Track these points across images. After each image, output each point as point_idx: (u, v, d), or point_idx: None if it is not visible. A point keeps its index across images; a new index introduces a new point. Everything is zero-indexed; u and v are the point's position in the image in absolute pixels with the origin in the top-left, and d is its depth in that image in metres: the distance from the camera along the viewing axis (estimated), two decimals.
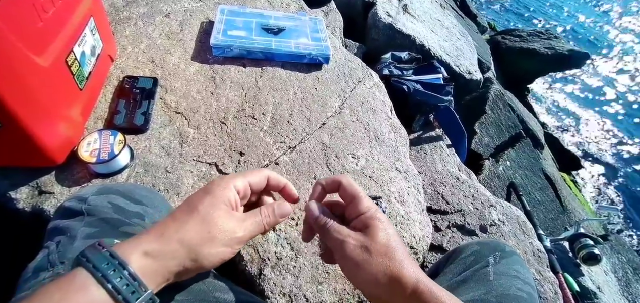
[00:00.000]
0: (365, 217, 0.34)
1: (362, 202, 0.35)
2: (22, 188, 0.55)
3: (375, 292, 0.32)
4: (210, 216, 0.31)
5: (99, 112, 0.67)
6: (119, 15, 0.87)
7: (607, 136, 3.37)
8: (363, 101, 0.92)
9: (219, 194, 0.32)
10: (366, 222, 0.34)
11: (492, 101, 1.67)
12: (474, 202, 0.96)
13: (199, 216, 0.31)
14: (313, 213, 0.37)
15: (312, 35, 0.96)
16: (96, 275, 0.25)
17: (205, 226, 0.30)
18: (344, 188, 0.37)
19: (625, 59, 4.55)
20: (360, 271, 0.32)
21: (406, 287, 0.30)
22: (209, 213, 0.31)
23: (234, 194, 0.33)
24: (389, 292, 0.31)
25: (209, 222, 0.31)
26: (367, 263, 0.32)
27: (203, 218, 0.31)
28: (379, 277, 0.31)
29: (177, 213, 0.31)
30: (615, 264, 1.47)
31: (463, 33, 1.91)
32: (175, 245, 0.29)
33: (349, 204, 0.36)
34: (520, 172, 1.57)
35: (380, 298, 0.32)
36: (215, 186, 0.33)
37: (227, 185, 0.33)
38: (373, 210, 0.35)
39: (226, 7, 0.96)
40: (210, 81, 0.80)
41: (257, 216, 0.35)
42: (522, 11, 5.13)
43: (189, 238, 0.29)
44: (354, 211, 0.35)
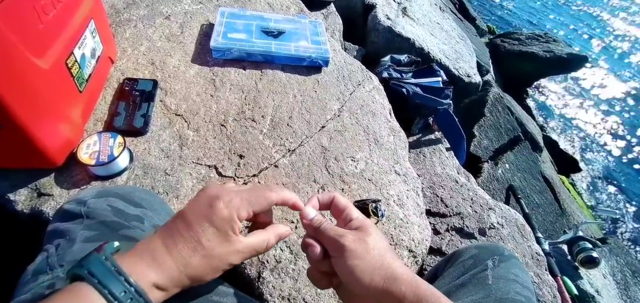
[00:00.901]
0: (358, 222, 0.37)
1: (354, 211, 0.38)
2: (21, 190, 0.55)
3: (374, 285, 0.32)
4: (214, 252, 0.32)
5: (99, 115, 0.67)
6: (119, 17, 0.87)
7: (605, 139, 3.38)
8: (362, 104, 0.92)
9: (223, 226, 0.33)
10: (358, 225, 0.36)
11: (491, 104, 1.68)
12: (472, 205, 0.96)
13: (205, 252, 0.32)
14: (308, 215, 0.38)
15: (311, 38, 0.97)
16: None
17: (211, 261, 0.32)
18: (336, 202, 0.40)
19: (624, 62, 4.57)
20: (357, 261, 0.33)
21: (401, 278, 0.32)
22: (213, 249, 0.32)
23: (237, 224, 0.33)
24: (385, 285, 0.32)
25: (215, 258, 0.32)
26: (365, 254, 0.33)
27: (208, 254, 0.32)
28: (375, 266, 0.33)
29: (181, 242, 0.31)
30: (613, 267, 1.47)
31: (462, 36, 1.92)
32: (183, 280, 0.31)
33: (340, 215, 0.39)
34: (519, 175, 1.57)
35: (376, 293, 0.32)
36: (219, 215, 0.33)
37: (231, 215, 0.33)
38: (363, 218, 0.38)
39: (226, 10, 0.96)
40: (210, 83, 0.81)
41: (261, 245, 0.36)
42: (521, 14, 5.16)
43: (196, 273, 0.31)
44: (345, 219, 0.38)
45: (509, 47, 3.04)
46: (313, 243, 0.37)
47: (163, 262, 0.30)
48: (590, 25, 5.36)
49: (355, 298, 0.35)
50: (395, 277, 0.32)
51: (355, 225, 0.37)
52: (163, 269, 0.29)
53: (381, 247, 0.34)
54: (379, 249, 0.34)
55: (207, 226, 0.32)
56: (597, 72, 4.28)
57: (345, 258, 0.33)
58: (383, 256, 0.34)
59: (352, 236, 0.35)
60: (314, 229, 0.37)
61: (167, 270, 0.30)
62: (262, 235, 0.37)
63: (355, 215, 0.38)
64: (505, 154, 1.57)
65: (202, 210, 0.33)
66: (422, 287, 0.32)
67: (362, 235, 0.35)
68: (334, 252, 0.35)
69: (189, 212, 0.33)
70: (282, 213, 0.64)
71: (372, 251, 0.34)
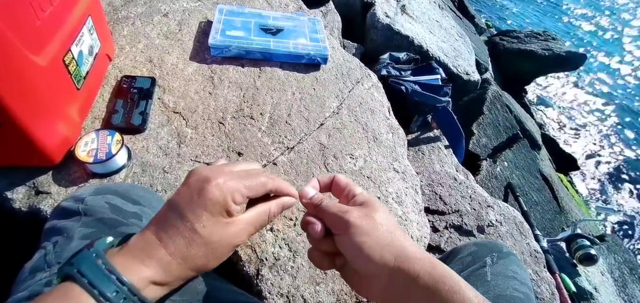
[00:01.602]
0: (362, 197, 0.35)
1: (356, 188, 0.36)
2: (18, 188, 0.55)
3: (384, 262, 0.30)
4: (213, 238, 0.30)
5: (97, 112, 0.67)
6: (117, 14, 0.87)
7: (604, 137, 3.39)
8: (361, 101, 0.92)
9: (217, 210, 0.30)
10: (363, 200, 0.34)
11: (489, 102, 1.68)
12: (471, 203, 0.97)
13: (202, 240, 0.29)
14: (307, 193, 0.36)
15: (310, 36, 0.96)
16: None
17: (211, 248, 0.30)
18: (337, 181, 0.37)
19: (623, 60, 4.58)
20: (365, 238, 0.30)
21: (414, 256, 0.29)
22: (211, 235, 0.30)
23: (233, 207, 0.31)
24: (396, 265, 0.30)
25: (215, 243, 0.30)
26: (373, 230, 0.31)
27: (206, 241, 0.30)
28: (384, 244, 0.30)
29: (175, 234, 0.29)
30: (611, 265, 1.48)
31: (461, 34, 1.92)
32: (184, 272, 0.29)
33: (342, 193, 0.37)
34: (517, 173, 1.57)
35: (385, 273, 0.30)
36: (211, 198, 0.30)
37: (225, 199, 0.30)
38: (367, 194, 0.35)
39: (225, 7, 0.96)
40: (209, 80, 0.80)
41: (262, 217, 0.34)
42: (520, 12, 5.16)
43: (196, 264, 0.30)
44: (348, 196, 0.36)
45: (508, 45, 3.05)
46: (313, 220, 0.34)
47: (159, 257, 0.28)
48: (590, 23, 5.36)
49: (362, 279, 0.33)
50: (407, 255, 0.30)
51: (360, 200, 0.34)
52: (160, 264, 0.28)
53: (390, 223, 0.32)
54: (387, 225, 0.31)
55: (201, 212, 0.29)
56: (596, 70, 4.29)
57: (351, 235, 0.31)
58: (392, 233, 0.31)
59: (357, 212, 0.32)
60: (315, 207, 0.35)
61: (164, 265, 0.28)
62: (262, 206, 0.34)
63: (358, 191, 0.36)
64: (503, 152, 1.57)
65: (193, 195, 0.30)
66: (438, 267, 0.29)
67: (368, 210, 0.32)
68: (338, 229, 0.33)
69: (180, 200, 0.30)
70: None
71: (380, 227, 0.31)
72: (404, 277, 0.29)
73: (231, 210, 0.31)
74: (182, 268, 0.29)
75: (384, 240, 0.30)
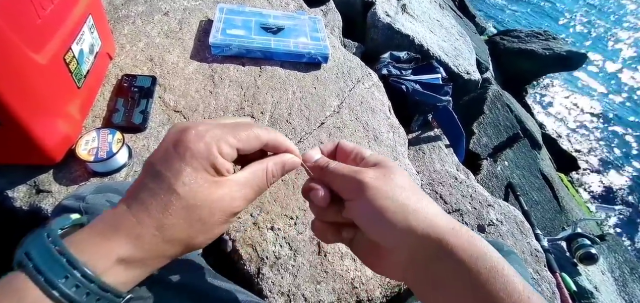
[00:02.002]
0: (373, 158, 0.29)
1: (364, 151, 0.30)
2: (20, 186, 0.55)
3: (412, 230, 0.25)
4: (196, 198, 0.24)
5: (97, 111, 0.67)
6: (118, 13, 0.87)
7: (604, 136, 3.39)
8: (362, 100, 0.92)
9: (199, 163, 0.24)
10: (376, 161, 0.29)
11: (490, 102, 1.68)
12: (472, 202, 0.97)
13: (181, 200, 0.23)
14: (311, 156, 0.31)
15: (311, 35, 0.96)
16: (52, 296, 0.19)
17: (195, 216, 0.24)
18: (342, 148, 0.32)
19: (624, 59, 4.57)
20: (386, 203, 0.25)
21: (445, 224, 0.25)
22: (194, 195, 0.23)
23: (220, 160, 0.25)
24: (423, 233, 0.24)
25: (200, 208, 0.24)
26: (394, 192, 0.25)
27: (188, 204, 0.23)
28: (409, 210, 0.25)
29: (148, 197, 0.23)
30: (612, 264, 1.48)
31: (462, 33, 1.91)
32: (162, 247, 0.23)
33: (348, 158, 0.31)
34: (518, 172, 1.57)
35: (410, 245, 0.25)
36: (191, 148, 0.24)
37: (210, 150, 0.24)
38: (376, 154, 0.30)
39: (225, 6, 0.96)
40: (209, 79, 0.80)
41: (258, 176, 0.27)
42: (521, 12, 5.15)
43: (177, 236, 0.23)
44: (356, 159, 0.30)
45: (508, 45, 3.04)
46: (316, 186, 0.29)
47: (127, 227, 0.22)
48: (590, 22, 5.36)
49: (380, 252, 0.27)
50: (438, 223, 0.24)
51: (372, 161, 0.29)
52: (130, 237, 0.22)
53: (412, 185, 0.27)
54: (410, 188, 0.26)
55: (179, 166, 0.23)
56: (596, 70, 4.28)
57: (368, 199, 0.25)
58: (418, 198, 0.26)
59: (373, 172, 0.27)
60: (321, 169, 0.29)
61: (135, 238, 0.22)
62: (258, 164, 0.28)
63: (368, 152, 0.30)
64: (504, 151, 1.57)
65: (169, 148, 0.24)
66: (477, 242, 0.24)
67: (385, 171, 0.27)
68: (351, 194, 0.27)
69: (155, 158, 0.24)
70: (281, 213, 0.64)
71: (402, 190, 0.26)
72: (433, 250, 0.24)
73: (218, 165, 0.25)
74: (157, 241, 0.23)
75: (410, 204, 0.25)
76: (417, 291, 0.26)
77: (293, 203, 0.65)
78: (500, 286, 0.22)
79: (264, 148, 0.28)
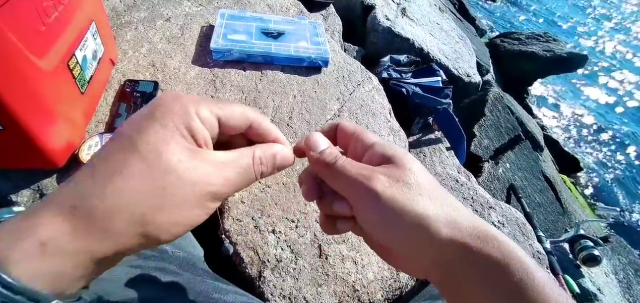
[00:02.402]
0: (380, 148, 0.25)
1: (366, 134, 0.26)
2: (23, 191, 0.55)
3: (423, 246, 0.22)
4: (161, 160, 0.18)
5: (100, 116, 0.67)
6: (120, 19, 0.88)
7: (607, 137, 3.38)
8: (362, 104, 0.92)
9: (172, 120, 0.19)
10: (383, 153, 0.25)
11: (491, 104, 1.68)
12: (473, 204, 0.96)
13: (142, 161, 0.18)
14: (317, 144, 0.26)
15: (311, 39, 0.97)
16: None
17: (156, 180, 0.18)
18: (343, 129, 0.28)
19: (625, 60, 4.57)
20: (402, 217, 0.22)
21: (471, 232, 0.22)
22: (158, 155, 0.18)
23: (197, 123, 0.21)
24: (445, 242, 0.22)
25: (162, 171, 0.18)
26: (411, 202, 0.22)
27: (149, 165, 0.18)
28: (429, 220, 0.22)
29: (98, 161, 0.19)
30: (616, 265, 1.47)
31: (462, 36, 1.92)
32: (102, 224, 0.17)
33: (349, 144, 0.27)
34: (519, 174, 1.57)
35: (430, 254, 0.22)
36: (164, 104, 0.20)
37: (185, 109, 0.20)
38: (382, 140, 0.26)
39: (226, 12, 0.97)
40: (211, 84, 0.81)
41: (244, 160, 0.23)
42: (521, 14, 5.16)
43: (130, 208, 0.18)
44: (358, 149, 0.26)
45: (508, 47, 3.05)
46: (307, 182, 0.27)
47: (60, 199, 0.17)
48: (591, 24, 5.36)
49: (398, 256, 0.25)
50: (459, 229, 0.22)
51: (380, 152, 0.25)
52: (59, 209, 0.17)
53: (430, 185, 0.23)
54: (428, 188, 0.23)
55: (148, 124, 0.19)
56: (598, 71, 4.28)
57: (380, 209, 0.22)
58: (437, 198, 0.23)
59: (384, 175, 0.23)
60: (327, 166, 0.25)
61: (67, 206, 0.17)
62: (244, 149, 0.24)
63: (373, 138, 0.26)
64: (505, 153, 1.57)
65: (142, 112, 0.20)
66: (506, 248, 0.21)
67: (397, 170, 0.23)
68: (359, 200, 0.24)
69: (120, 127, 0.20)
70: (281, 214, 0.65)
71: (420, 196, 0.22)
72: (456, 257, 0.22)
73: (194, 128, 0.20)
74: (100, 215, 0.17)
75: (429, 213, 0.22)
76: (442, 291, 0.24)
77: (294, 206, 0.66)
78: (532, 297, 0.20)
79: (250, 132, 0.25)
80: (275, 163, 0.25)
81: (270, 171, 0.25)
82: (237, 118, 0.23)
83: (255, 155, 0.24)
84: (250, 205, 0.63)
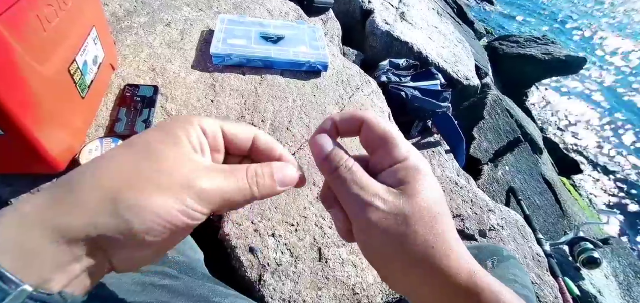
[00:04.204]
0: (403, 167, 0.23)
1: (398, 146, 0.24)
2: (22, 195, 0.55)
3: (406, 283, 0.23)
4: (146, 147, 0.19)
5: (100, 120, 0.68)
6: (121, 24, 0.88)
7: (606, 139, 3.38)
8: (361, 107, 0.93)
9: (173, 127, 0.21)
10: (403, 176, 0.23)
11: (490, 107, 1.69)
12: (472, 207, 0.97)
13: (128, 147, 0.19)
14: (322, 149, 0.25)
15: (310, 44, 0.98)
16: None
17: (136, 162, 0.19)
18: (370, 126, 0.24)
19: (624, 62, 4.58)
20: (388, 252, 0.22)
21: (456, 280, 0.22)
22: (146, 144, 0.19)
23: (197, 132, 0.21)
24: (428, 285, 0.22)
25: (142, 154, 0.19)
26: (402, 241, 0.21)
27: (134, 150, 0.19)
28: (416, 262, 0.21)
29: (100, 158, 0.19)
30: (616, 268, 1.47)
31: (460, 40, 1.93)
32: (76, 196, 0.17)
33: (376, 150, 0.25)
34: (519, 177, 1.57)
35: (412, 290, 0.23)
36: (170, 121, 0.22)
37: (189, 120, 0.22)
38: (414, 158, 0.24)
39: (226, 17, 0.98)
40: (210, 88, 0.81)
41: (237, 172, 0.22)
42: (519, 17, 5.19)
43: (104, 181, 0.17)
44: (384, 159, 0.24)
45: (507, 50, 3.06)
46: (327, 198, 0.26)
47: (47, 185, 0.17)
48: (589, 26, 5.39)
49: (386, 274, 0.25)
50: (450, 276, 0.22)
51: (398, 175, 0.23)
52: (42, 190, 0.18)
53: (433, 224, 0.22)
54: (425, 225, 0.22)
55: (152, 130, 0.21)
56: (596, 73, 4.29)
57: (368, 241, 0.23)
58: (429, 238, 0.22)
59: (384, 204, 0.22)
60: (330, 173, 0.24)
61: (46, 187, 0.18)
62: (243, 165, 0.23)
63: (402, 154, 0.23)
64: (505, 156, 1.57)
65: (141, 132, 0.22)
66: (505, 295, 0.22)
67: (403, 202, 0.22)
68: (353, 222, 0.23)
69: None
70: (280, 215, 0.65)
71: (416, 236, 0.21)
72: (439, 286, 0.22)
73: (192, 135, 0.21)
74: (71, 195, 0.17)
75: (418, 257, 0.21)
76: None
77: (294, 210, 0.66)
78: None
79: (254, 151, 0.25)
80: (272, 177, 0.24)
81: (269, 187, 0.24)
82: (240, 131, 0.24)
83: (251, 167, 0.23)
84: (249, 209, 0.63)
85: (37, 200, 0.17)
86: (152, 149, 0.19)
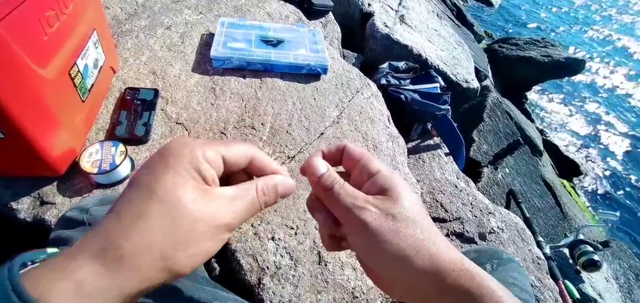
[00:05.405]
0: (380, 177, 0.27)
1: (373, 162, 0.28)
2: (23, 198, 0.56)
3: (403, 274, 0.25)
4: (177, 202, 0.21)
5: (101, 124, 0.68)
6: (121, 28, 0.89)
7: (606, 142, 3.38)
8: (361, 110, 0.93)
9: (183, 166, 0.22)
10: (382, 184, 0.27)
11: (489, 109, 1.69)
12: (472, 210, 0.97)
13: (161, 204, 0.21)
14: (317, 170, 0.28)
15: (310, 47, 0.98)
16: None
17: (174, 219, 0.21)
18: (349, 152, 0.30)
19: (623, 64, 4.59)
20: (385, 247, 0.25)
21: (447, 265, 0.24)
22: (175, 198, 0.21)
23: (205, 166, 0.23)
24: (423, 273, 0.24)
25: (179, 211, 0.21)
26: (395, 236, 0.25)
27: (168, 208, 0.21)
28: (410, 252, 0.24)
29: (122, 207, 0.21)
30: (616, 270, 1.47)
31: (460, 42, 1.94)
32: (130, 261, 0.19)
33: (354, 169, 0.29)
34: (519, 179, 1.57)
35: (409, 282, 0.25)
36: (174, 153, 0.23)
37: (193, 154, 0.23)
38: (387, 170, 0.28)
39: (226, 20, 0.98)
40: (211, 92, 0.82)
41: (249, 193, 0.26)
42: (519, 20, 5.20)
43: (153, 245, 0.20)
44: (363, 174, 0.28)
45: (507, 53, 3.07)
46: (319, 208, 0.29)
47: (93, 244, 0.19)
48: (589, 29, 5.40)
49: (382, 278, 0.27)
50: (439, 265, 0.24)
51: (379, 183, 0.27)
52: (92, 252, 0.19)
53: (418, 219, 0.26)
54: (414, 223, 0.25)
55: (163, 170, 0.22)
56: (596, 75, 4.30)
57: (367, 241, 0.25)
58: (421, 235, 0.25)
59: (375, 207, 0.26)
60: (324, 191, 0.28)
61: (98, 249, 0.19)
62: (247, 183, 0.26)
63: (378, 166, 0.28)
64: (505, 158, 1.58)
65: (153, 158, 0.23)
66: (490, 284, 0.24)
67: (390, 204, 0.26)
68: (350, 228, 0.26)
69: (138, 171, 0.23)
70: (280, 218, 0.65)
71: (405, 230, 0.25)
72: (433, 289, 0.24)
73: (202, 169, 0.23)
74: (127, 261, 0.19)
75: (411, 247, 0.25)
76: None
77: (293, 213, 0.66)
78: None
79: (250, 167, 0.28)
80: (277, 192, 0.28)
81: (273, 200, 0.28)
82: (239, 155, 0.26)
83: (258, 187, 0.26)
84: None
85: (86, 264, 0.19)
86: (182, 205, 0.21)
